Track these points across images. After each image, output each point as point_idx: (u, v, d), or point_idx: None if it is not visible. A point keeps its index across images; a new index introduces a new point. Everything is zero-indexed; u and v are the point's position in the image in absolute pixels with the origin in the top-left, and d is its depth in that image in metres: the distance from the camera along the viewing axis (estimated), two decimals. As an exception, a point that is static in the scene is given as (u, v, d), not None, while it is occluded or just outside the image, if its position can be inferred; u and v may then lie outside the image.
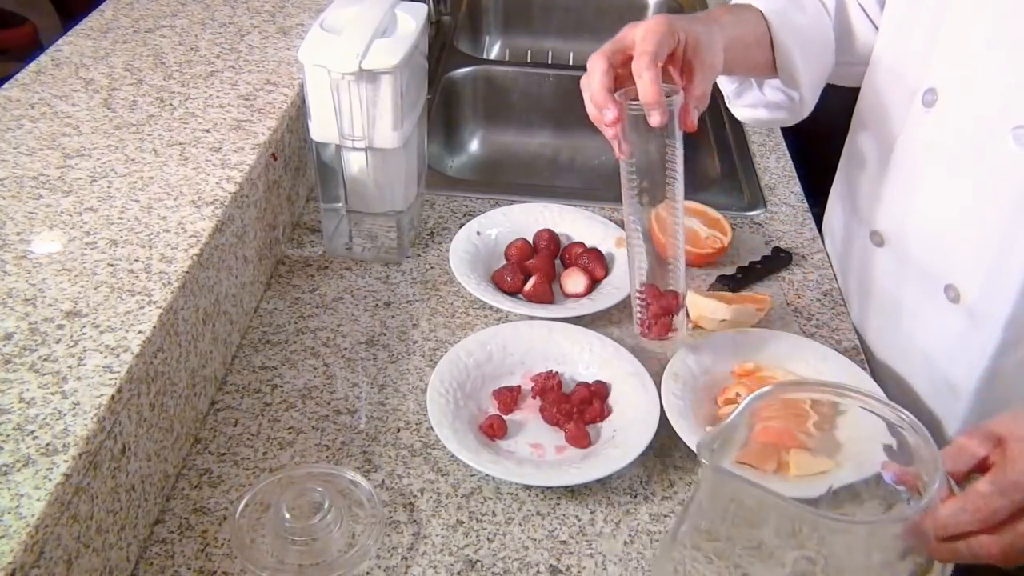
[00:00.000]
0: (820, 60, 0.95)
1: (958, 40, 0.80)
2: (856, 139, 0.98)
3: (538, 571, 0.72)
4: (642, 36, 0.74)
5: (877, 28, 0.95)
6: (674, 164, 0.77)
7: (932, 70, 0.82)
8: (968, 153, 0.80)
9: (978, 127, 0.79)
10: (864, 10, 0.97)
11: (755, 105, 0.99)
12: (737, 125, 1.33)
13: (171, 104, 0.98)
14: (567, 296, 1.01)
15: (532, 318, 0.94)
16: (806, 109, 0.97)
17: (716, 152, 1.30)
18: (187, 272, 0.76)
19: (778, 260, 1.06)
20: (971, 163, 0.80)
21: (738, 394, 0.84)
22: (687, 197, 1.10)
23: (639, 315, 0.84)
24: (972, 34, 0.79)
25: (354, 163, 0.96)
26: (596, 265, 1.01)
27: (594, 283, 1.01)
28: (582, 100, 0.80)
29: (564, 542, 0.75)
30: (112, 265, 0.76)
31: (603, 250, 1.05)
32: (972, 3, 0.78)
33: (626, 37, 0.77)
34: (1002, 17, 0.76)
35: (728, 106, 1.03)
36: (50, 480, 0.58)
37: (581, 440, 0.82)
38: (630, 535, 0.76)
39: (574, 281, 1.00)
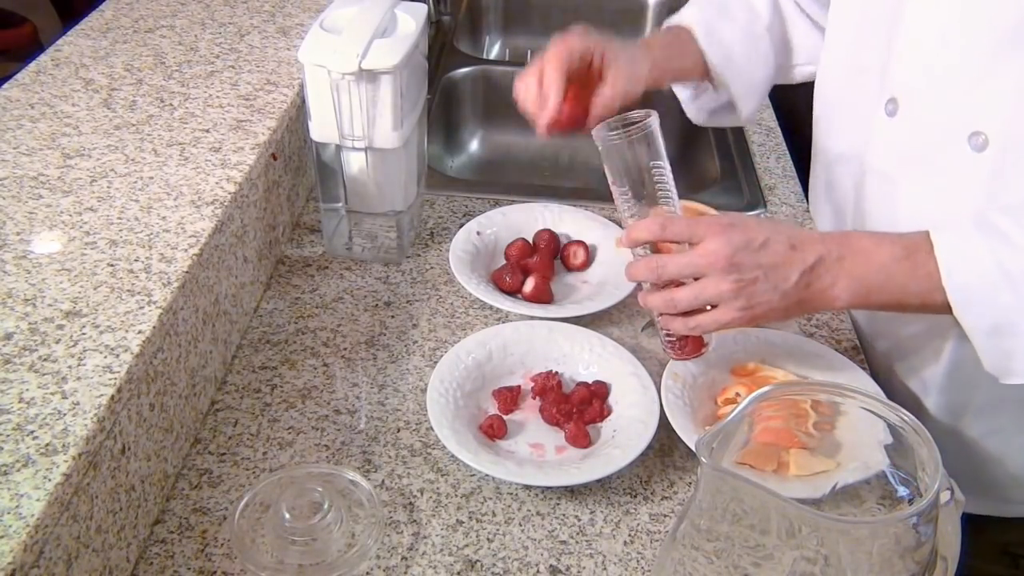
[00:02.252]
0: (753, 66, 1.00)
1: (913, 49, 0.80)
2: (824, 147, 0.98)
3: (538, 571, 0.72)
4: (554, 47, 0.86)
5: (821, 28, 0.97)
6: (665, 184, 0.77)
7: (891, 80, 0.82)
8: (931, 160, 0.80)
9: (937, 135, 0.79)
10: (805, 12, 1.00)
11: (707, 108, 1.07)
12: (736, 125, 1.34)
13: (171, 104, 0.98)
14: (571, 269, 1.04)
15: (532, 318, 0.94)
16: (746, 111, 1.04)
17: (716, 152, 1.30)
18: (187, 272, 0.76)
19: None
20: (934, 170, 0.80)
21: (738, 394, 0.84)
22: (685, 197, 1.10)
23: (667, 339, 0.81)
24: (925, 42, 0.79)
25: (354, 163, 0.96)
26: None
27: (592, 255, 1.05)
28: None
29: (564, 542, 0.75)
30: (112, 265, 0.76)
31: (602, 250, 1.05)
32: (923, 12, 0.78)
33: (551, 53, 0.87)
34: (953, 23, 0.76)
35: (684, 108, 1.09)
36: (50, 480, 0.58)
37: (581, 440, 0.82)
38: (630, 535, 0.76)
39: (575, 252, 1.04)
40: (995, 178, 0.75)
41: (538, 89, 0.86)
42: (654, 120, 0.76)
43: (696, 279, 0.73)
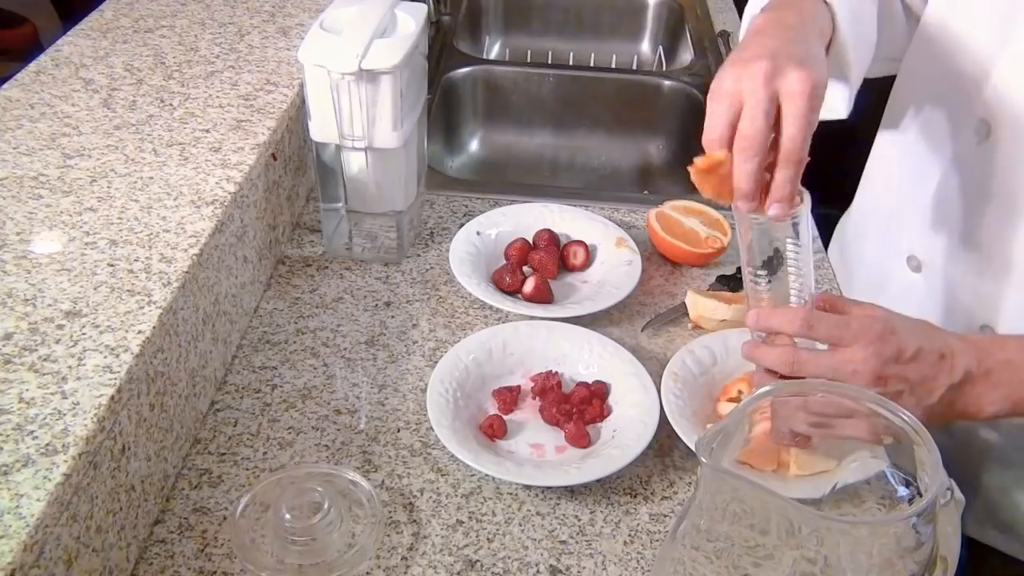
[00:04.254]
0: (868, 52, 0.85)
1: (1016, 71, 0.76)
2: (894, 161, 0.93)
3: (538, 571, 0.72)
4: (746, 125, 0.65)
5: (916, 19, 0.89)
6: (799, 268, 0.70)
7: (984, 101, 0.78)
8: (1022, 189, 0.76)
9: None
10: (905, 3, 0.91)
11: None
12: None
13: (171, 104, 0.98)
14: (571, 269, 1.04)
15: (532, 318, 0.94)
16: (851, 104, 0.87)
17: (716, 152, 1.30)
18: (187, 272, 0.76)
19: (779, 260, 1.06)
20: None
21: (740, 392, 0.84)
22: (684, 197, 1.10)
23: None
24: None
25: (354, 163, 0.96)
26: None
27: (592, 255, 1.05)
28: (582, 100, 0.79)
29: (564, 542, 0.75)
30: (112, 265, 0.76)
31: (602, 250, 1.05)
32: None
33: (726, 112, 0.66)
34: None
35: None
36: (50, 480, 0.58)
37: (581, 440, 0.82)
38: (630, 535, 0.76)
39: (575, 252, 1.04)
40: None
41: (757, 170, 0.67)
42: (804, 208, 0.68)
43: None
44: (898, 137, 0.92)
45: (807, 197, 0.69)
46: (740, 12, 1.72)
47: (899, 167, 0.91)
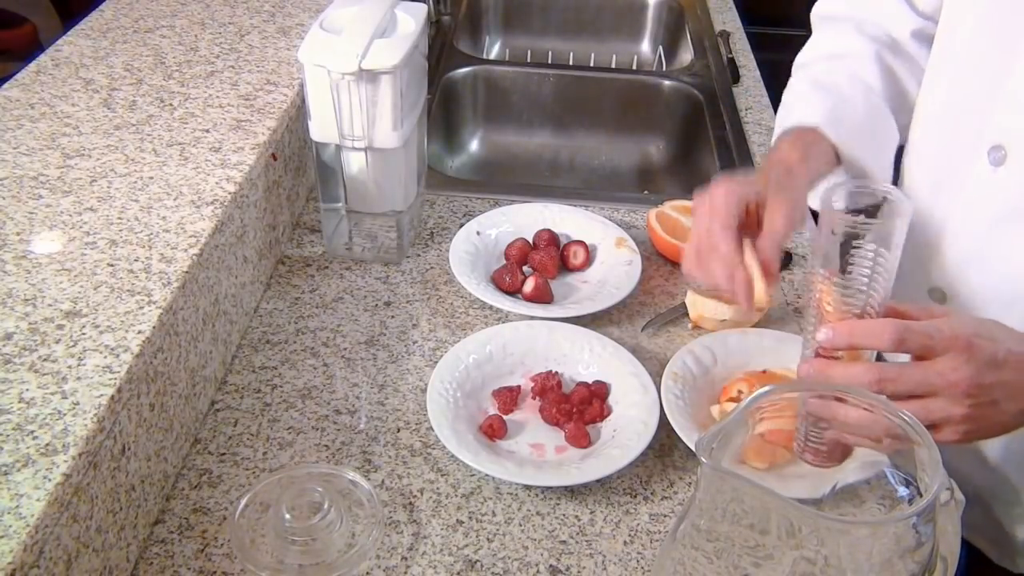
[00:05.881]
0: (882, 141, 0.90)
1: None
2: (908, 192, 0.91)
3: (538, 571, 0.72)
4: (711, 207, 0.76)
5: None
6: (884, 275, 0.64)
7: (997, 125, 0.77)
8: None
9: None
10: (913, 56, 0.92)
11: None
12: (737, 125, 1.34)
13: (171, 104, 0.98)
14: (571, 269, 1.04)
15: (532, 318, 0.94)
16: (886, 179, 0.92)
17: (716, 152, 1.30)
18: (187, 272, 0.76)
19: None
20: None
21: (740, 392, 0.84)
22: (683, 197, 1.10)
23: (815, 442, 0.67)
24: None
25: (354, 163, 0.96)
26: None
27: (592, 256, 1.05)
28: (582, 100, 0.79)
29: (564, 542, 0.75)
30: (112, 265, 0.76)
31: (602, 250, 1.05)
32: None
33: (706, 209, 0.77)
34: None
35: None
36: (50, 480, 0.58)
37: (581, 440, 0.82)
38: (630, 535, 0.76)
39: (575, 252, 1.04)
40: None
41: (725, 267, 0.75)
42: (907, 213, 0.64)
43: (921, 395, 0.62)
44: (914, 167, 0.91)
45: (908, 205, 0.64)
46: (740, 13, 1.72)
47: (914, 198, 0.91)
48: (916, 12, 0.92)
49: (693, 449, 0.77)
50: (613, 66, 1.74)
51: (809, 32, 1.02)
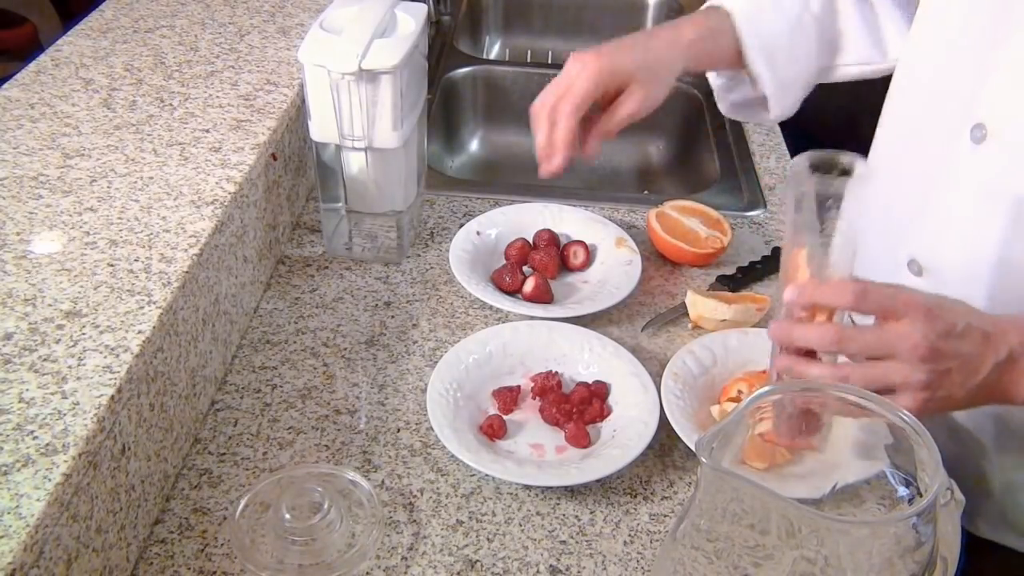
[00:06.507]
0: (794, 63, 0.94)
1: (1013, 75, 0.75)
2: (887, 165, 0.92)
3: (538, 571, 0.72)
4: (570, 83, 0.83)
5: (878, 27, 0.93)
6: (843, 240, 0.67)
7: (980, 105, 0.77)
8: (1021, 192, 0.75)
9: None
10: (869, 4, 0.94)
11: (738, 101, 1.01)
12: (737, 125, 1.33)
13: (171, 104, 0.98)
14: (571, 269, 1.04)
15: (532, 318, 0.94)
16: (777, 110, 0.98)
17: (716, 152, 1.30)
18: (187, 272, 0.76)
19: (778, 260, 1.06)
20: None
21: (740, 392, 0.84)
22: (684, 197, 1.10)
23: (787, 417, 0.68)
24: None
25: (354, 163, 0.96)
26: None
27: (592, 256, 1.05)
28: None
29: (564, 542, 0.75)
30: (112, 265, 0.76)
31: (602, 250, 1.05)
32: None
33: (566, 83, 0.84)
34: None
35: (716, 101, 1.03)
36: (50, 480, 0.58)
37: (581, 440, 0.82)
38: (630, 535, 0.76)
39: (575, 252, 1.04)
40: None
41: (548, 134, 0.85)
42: (860, 175, 0.66)
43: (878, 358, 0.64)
44: (894, 140, 0.92)
45: (861, 164, 0.66)
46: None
47: (895, 172, 0.91)
48: None
49: (693, 449, 0.77)
50: (613, 66, 1.74)
51: None
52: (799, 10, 0.93)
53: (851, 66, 0.98)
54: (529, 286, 0.98)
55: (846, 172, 0.67)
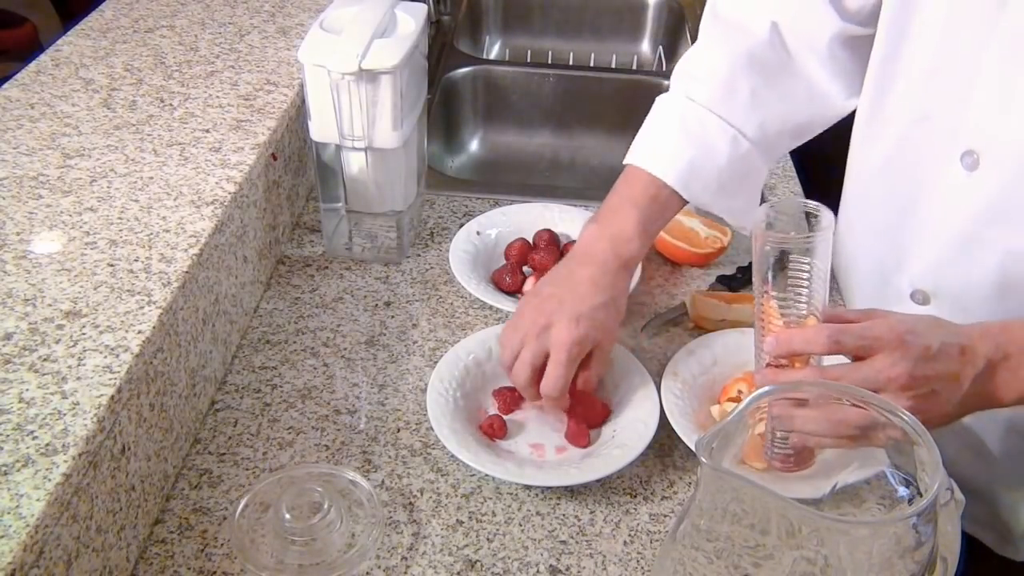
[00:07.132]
0: (745, 189, 0.90)
1: (1000, 98, 0.74)
2: (878, 198, 0.91)
3: (538, 571, 0.72)
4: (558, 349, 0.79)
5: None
6: (812, 287, 0.69)
7: (967, 131, 0.77)
8: (1020, 218, 0.76)
9: None
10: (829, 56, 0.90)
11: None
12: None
13: (171, 104, 0.98)
14: None
15: (532, 318, 0.94)
16: (743, 221, 0.93)
17: (716, 152, 1.29)
18: (187, 272, 0.76)
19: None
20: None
21: (740, 392, 0.84)
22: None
23: (780, 449, 0.71)
24: (1015, 92, 0.73)
25: (354, 163, 0.96)
26: None
27: None
28: (582, 100, 0.79)
29: (564, 542, 0.75)
30: (112, 265, 0.76)
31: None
32: (1013, 57, 0.72)
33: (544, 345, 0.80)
34: None
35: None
36: (50, 480, 0.58)
37: (581, 439, 0.82)
38: (630, 535, 0.76)
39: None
40: None
41: (534, 379, 0.81)
42: (828, 227, 0.68)
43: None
44: (885, 171, 0.89)
45: (829, 216, 0.69)
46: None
47: (884, 204, 0.90)
48: (841, 16, 0.88)
49: (693, 449, 0.77)
50: (613, 66, 1.74)
51: None
52: (733, 145, 0.87)
53: (850, 99, 0.93)
54: (529, 286, 0.98)
55: (811, 217, 0.70)
